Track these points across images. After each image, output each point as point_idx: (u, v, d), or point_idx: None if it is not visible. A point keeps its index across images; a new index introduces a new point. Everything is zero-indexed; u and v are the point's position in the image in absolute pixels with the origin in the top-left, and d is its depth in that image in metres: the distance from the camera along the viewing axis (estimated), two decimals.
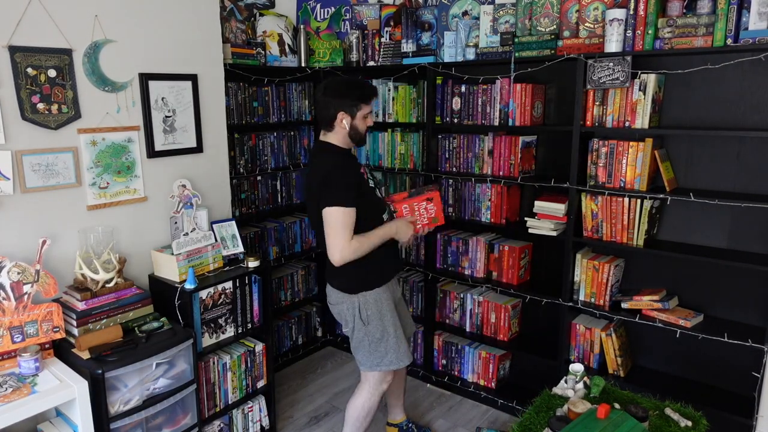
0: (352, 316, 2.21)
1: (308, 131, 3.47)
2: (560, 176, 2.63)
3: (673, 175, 2.43)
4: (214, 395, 2.42)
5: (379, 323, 2.21)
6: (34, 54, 1.99)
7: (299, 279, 3.51)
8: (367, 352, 2.24)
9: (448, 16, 2.96)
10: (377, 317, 2.20)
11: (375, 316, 2.20)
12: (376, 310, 2.20)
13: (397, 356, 2.24)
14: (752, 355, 2.28)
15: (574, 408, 1.74)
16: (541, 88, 2.72)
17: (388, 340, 2.23)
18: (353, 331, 2.25)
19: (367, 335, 2.22)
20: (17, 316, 1.89)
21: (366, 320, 2.20)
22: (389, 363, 2.24)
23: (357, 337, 2.25)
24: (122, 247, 2.34)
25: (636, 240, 2.42)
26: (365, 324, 2.20)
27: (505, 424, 2.85)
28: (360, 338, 2.24)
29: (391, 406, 2.68)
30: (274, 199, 3.33)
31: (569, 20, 2.52)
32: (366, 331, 2.21)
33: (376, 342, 2.22)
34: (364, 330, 2.22)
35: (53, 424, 1.98)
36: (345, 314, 2.24)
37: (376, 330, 2.21)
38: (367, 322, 2.20)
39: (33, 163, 2.02)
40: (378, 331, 2.21)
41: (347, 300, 2.20)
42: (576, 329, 2.67)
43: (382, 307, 2.21)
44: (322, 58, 3.37)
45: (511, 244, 2.88)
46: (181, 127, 2.50)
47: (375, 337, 2.22)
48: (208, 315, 2.36)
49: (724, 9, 2.09)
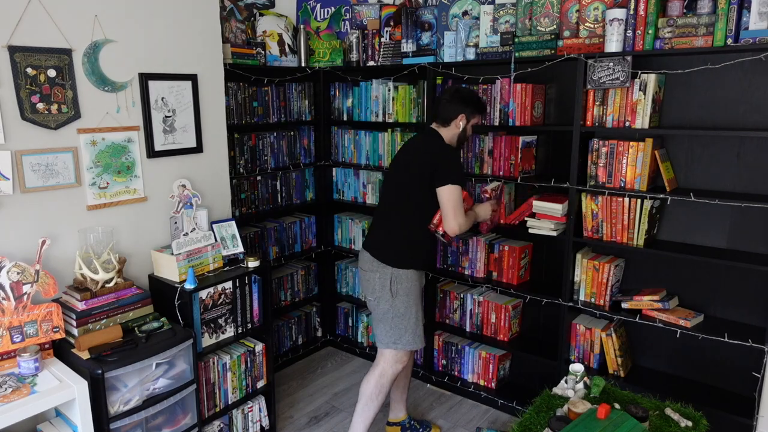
0: (381, 286, 2.34)
1: (308, 131, 3.47)
2: (560, 176, 2.63)
3: (673, 175, 2.43)
4: (214, 395, 2.42)
5: (405, 299, 2.34)
6: (34, 54, 1.98)
7: (299, 279, 3.51)
8: (389, 326, 2.37)
9: (448, 16, 2.96)
10: (405, 293, 2.34)
11: (404, 291, 2.34)
12: (407, 286, 2.34)
13: (413, 337, 2.38)
14: (752, 355, 2.28)
15: (574, 408, 1.74)
16: (541, 88, 2.72)
17: (410, 318, 2.36)
18: (378, 301, 2.36)
19: (392, 308, 2.34)
20: (17, 316, 1.89)
21: (395, 293, 2.33)
22: (406, 343, 2.37)
23: (382, 308, 2.36)
24: (122, 247, 2.33)
25: (636, 240, 2.42)
26: (393, 296, 2.33)
27: (505, 424, 2.85)
28: (385, 310, 2.36)
29: (394, 402, 2.71)
30: (274, 199, 3.33)
31: (569, 20, 2.52)
32: (392, 303, 2.34)
33: (399, 317, 2.35)
34: (391, 302, 2.34)
35: (53, 424, 1.98)
36: (374, 282, 2.36)
37: (401, 305, 2.34)
38: (396, 294, 2.33)
39: (33, 163, 2.02)
40: (403, 306, 2.34)
41: (381, 269, 2.34)
42: (576, 329, 2.67)
43: (411, 286, 2.36)
44: (322, 58, 3.37)
45: (511, 244, 2.88)
46: (181, 127, 2.50)
47: (399, 312, 2.34)
48: (208, 315, 2.35)
49: (724, 9, 2.09)
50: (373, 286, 2.37)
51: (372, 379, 2.41)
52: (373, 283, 2.36)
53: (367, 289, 2.42)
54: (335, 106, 3.48)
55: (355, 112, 3.38)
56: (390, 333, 2.37)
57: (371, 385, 2.41)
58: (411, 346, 2.39)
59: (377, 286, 2.35)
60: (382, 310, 2.37)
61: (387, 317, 2.36)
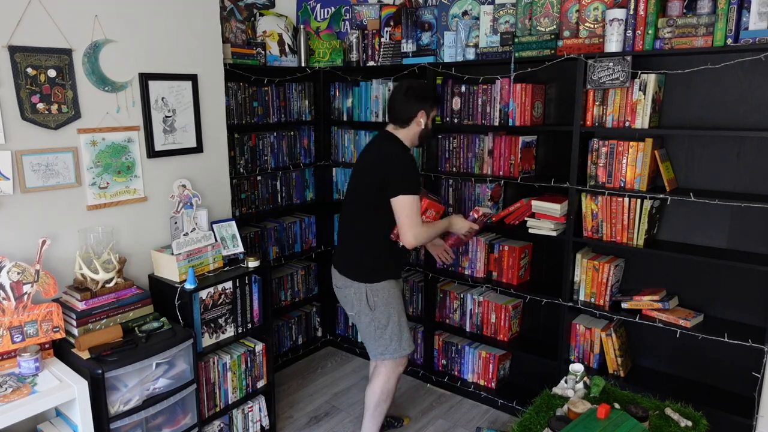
0: (358, 301, 2.30)
1: (308, 131, 3.47)
2: (560, 176, 2.63)
3: (673, 175, 2.43)
4: (214, 395, 2.42)
5: (384, 309, 2.29)
6: (34, 54, 1.98)
7: (299, 279, 3.51)
8: (373, 339, 2.34)
9: (448, 16, 2.96)
10: (384, 304, 2.29)
11: (382, 303, 2.29)
12: (384, 296, 2.29)
13: (400, 344, 2.34)
14: (752, 355, 2.28)
15: (574, 408, 1.74)
16: (541, 88, 2.72)
17: (393, 328, 2.32)
18: (359, 315, 2.33)
19: (373, 321, 2.30)
20: (17, 316, 1.89)
21: (373, 306, 2.28)
22: (393, 351, 2.33)
23: (363, 322, 2.33)
24: (122, 247, 2.33)
25: (636, 240, 2.42)
26: (372, 309, 2.29)
27: (505, 424, 2.85)
28: (366, 323, 2.33)
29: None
30: (274, 199, 3.33)
31: (569, 20, 2.52)
32: (372, 317, 2.30)
33: (381, 328, 2.31)
34: (371, 316, 2.30)
35: (53, 424, 1.98)
36: (351, 298, 2.32)
37: (382, 316, 2.30)
38: (374, 307, 2.28)
39: (33, 163, 2.02)
40: (384, 317, 2.30)
41: (354, 285, 2.29)
42: (576, 329, 2.67)
43: (389, 295, 2.30)
44: (322, 58, 3.37)
45: (511, 244, 2.88)
46: (181, 127, 2.50)
47: (381, 324, 2.30)
48: (208, 315, 2.35)
49: (724, 9, 2.09)
50: (351, 302, 2.33)
51: (377, 388, 2.40)
52: (350, 298, 2.33)
53: (346, 305, 2.39)
54: (335, 106, 3.48)
55: (355, 112, 3.38)
56: (377, 344, 2.34)
57: (377, 393, 2.40)
58: (399, 354, 2.34)
59: (354, 301, 2.31)
60: (364, 323, 2.33)
61: (370, 330, 2.33)
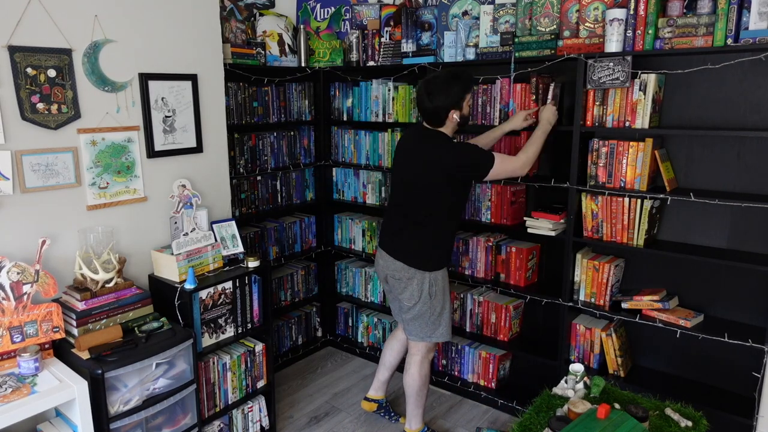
0: (420, 291, 2.40)
1: (308, 131, 3.47)
2: (560, 176, 2.63)
3: (673, 175, 2.43)
4: (214, 395, 2.42)
5: (441, 298, 2.44)
6: (34, 54, 1.98)
7: (299, 279, 3.51)
8: (425, 324, 2.45)
9: (448, 16, 2.95)
10: (442, 293, 2.44)
11: (440, 292, 2.43)
12: (443, 285, 2.45)
13: (446, 330, 2.50)
14: (752, 355, 2.28)
15: (574, 408, 1.74)
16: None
17: (445, 315, 2.47)
18: (417, 304, 2.41)
19: (430, 308, 2.42)
20: (17, 316, 1.89)
21: (433, 294, 2.41)
22: (440, 335, 2.48)
23: (419, 310, 2.42)
24: (122, 247, 2.33)
25: (636, 240, 2.42)
26: (431, 298, 2.41)
27: (505, 424, 2.85)
28: (422, 311, 2.42)
29: (380, 381, 2.84)
30: (274, 199, 3.33)
31: (569, 20, 2.51)
32: (431, 304, 2.42)
33: (436, 315, 2.44)
34: (429, 303, 2.41)
35: (53, 424, 1.98)
36: (412, 289, 2.40)
37: (438, 304, 2.43)
38: (434, 296, 2.41)
39: (33, 163, 2.02)
40: (440, 306, 2.44)
41: (418, 275, 2.38)
42: (576, 329, 2.67)
43: (445, 285, 2.47)
44: (322, 58, 3.37)
45: (518, 245, 2.86)
46: (181, 127, 2.50)
47: (436, 311, 2.44)
48: (208, 315, 2.35)
49: (724, 9, 2.09)
50: (411, 293, 2.41)
51: (414, 372, 2.51)
52: (411, 289, 2.40)
53: (402, 296, 2.44)
54: (335, 106, 3.48)
55: (355, 112, 3.38)
56: (426, 329, 2.46)
57: (416, 378, 2.52)
58: (444, 338, 2.50)
59: (415, 292, 2.40)
60: (419, 311, 2.42)
61: (424, 317, 2.43)
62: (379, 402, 2.87)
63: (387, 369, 2.81)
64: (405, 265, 2.39)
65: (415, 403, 2.59)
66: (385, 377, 2.84)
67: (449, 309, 2.50)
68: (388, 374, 2.83)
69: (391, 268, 2.45)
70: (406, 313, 2.46)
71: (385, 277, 2.51)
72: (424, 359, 2.52)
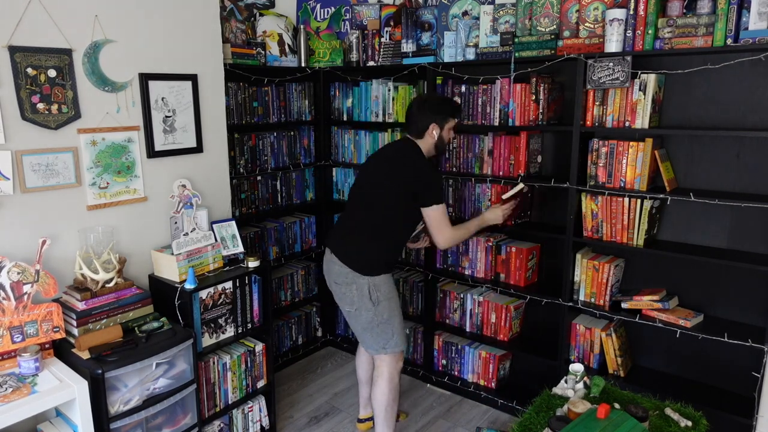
0: (360, 297, 2.32)
1: (308, 131, 3.47)
2: (560, 176, 2.63)
3: (673, 175, 2.43)
4: (214, 395, 2.42)
5: (387, 303, 2.35)
6: (34, 54, 1.98)
7: (299, 279, 3.51)
8: (375, 334, 2.37)
9: (448, 16, 2.96)
10: (386, 298, 2.35)
11: (384, 297, 2.34)
12: (386, 290, 2.35)
13: (400, 337, 2.40)
14: (752, 355, 2.28)
15: (574, 408, 1.74)
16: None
17: (394, 321, 2.38)
18: (359, 311, 2.35)
19: (376, 316, 2.34)
20: (17, 316, 1.89)
21: (376, 301, 2.33)
22: (395, 345, 2.39)
23: (364, 318, 2.35)
24: (122, 247, 2.33)
25: (636, 240, 2.42)
26: (375, 305, 2.33)
27: (505, 424, 2.85)
28: (368, 319, 2.35)
29: (365, 399, 2.77)
30: (274, 199, 3.33)
31: (569, 20, 2.52)
32: (375, 311, 2.33)
33: (384, 323, 2.35)
34: (374, 311, 2.33)
35: (53, 424, 1.98)
36: (352, 294, 2.34)
37: (384, 310, 2.34)
38: (377, 302, 2.33)
39: (33, 163, 2.02)
40: (386, 312, 2.35)
41: (357, 281, 2.31)
42: (576, 329, 2.67)
43: (389, 289, 2.37)
44: (322, 58, 3.38)
45: (518, 245, 2.86)
46: (181, 127, 2.50)
47: (383, 318, 2.35)
48: (208, 315, 2.36)
49: (724, 9, 2.09)
50: (351, 298, 2.34)
51: (384, 387, 2.41)
52: (351, 295, 2.34)
53: (343, 302, 2.39)
54: (335, 106, 3.48)
55: (355, 112, 3.38)
56: (378, 339, 2.37)
57: (385, 393, 2.41)
58: (400, 347, 2.41)
59: (355, 298, 2.33)
60: (366, 319, 2.35)
61: (372, 326, 2.35)
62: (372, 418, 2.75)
63: (367, 384, 2.73)
64: (348, 269, 2.32)
65: (384, 421, 2.46)
66: (369, 393, 2.73)
67: (399, 317, 2.40)
68: (369, 389, 2.72)
69: (333, 272, 2.38)
70: (354, 323, 2.40)
71: (329, 282, 2.44)
72: (393, 370, 2.42)
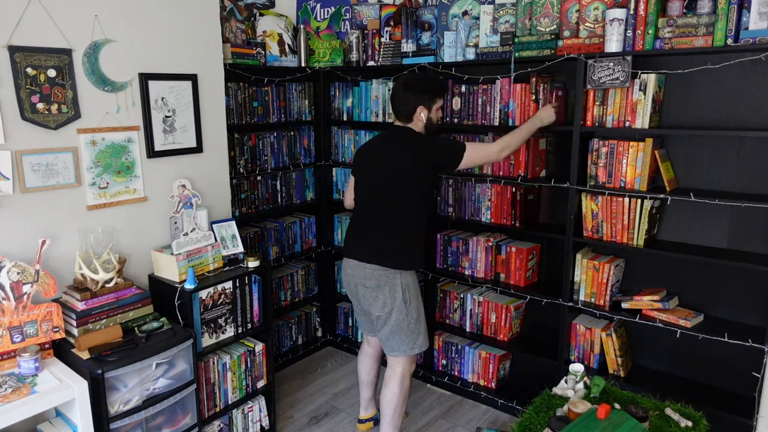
0: (393, 299, 2.31)
1: (308, 131, 3.47)
2: (560, 176, 2.63)
3: (673, 175, 2.43)
4: (214, 395, 2.42)
5: (416, 303, 2.36)
6: (34, 54, 1.98)
7: (299, 279, 3.51)
8: (405, 335, 2.35)
9: (448, 16, 2.95)
10: (416, 297, 2.36)
11: (414, 296, 2.35)
12: (415, 290, 2.36)
13: (425, 337, 2.41)
14: (752, 355, 2.27)
15: (574, 408, 1.74)
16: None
17: (421, 320, 2.39)
18: (391, 314, 2.33)
19: (407, 316, 2.33)
20: (17, 316, 1.89)
21: (408, 300, 2.32)
22: (421, 345, 2.39)
23: (396, 319, 2.33)
24: (122, 247, 2.33)
25: (636, 240, 2.42)
26: (407, 305, 2.32)
27: (505, 424, 2.85)
28: (399, 320, 2.33)
29: (366, 400, 2.76)
30: (274, 199, 3.33)
31: (569, 20, 2.51)
32: (407, 312, 2.33)
33: (414, 323, 2.35)
34: (405, 311, 2.32)
35: (53, 424, 1.98)
36: (384, 297, 2.32)
37: (414, 310, 2.35)
38: (409, 302, 2.33)
39: (33, 163, 2.02)
40: (416, 312, 2.36)
41: (391, 282, 2.30)
42: (576, 329, 2.67)
43: (417, 289, 2.38)
44: (322, 58, 3.37)
45: (519, 245, 2.86)
46: (181, 127, 2.50)
47: (413, 318, 2.34)
48: (208, 315, 2.35)
49: (724, 9, 2.09)
50: (383, 301, 2.32)
51: (395, 388, 2.40)
52: (383, 297, 2.32)
53: (374, 306, 2.35)
54: (335, 106, 3.48)
55: (355, 112, 3.38)
56: (406, 340, 2.36)
57: (397, 394, 2.40)
58: (425, 347, 2.42)
59: (387, 300, 2.32)
60: (396, 321, 2.33)
61: (402, 327, 2.34)
62: (374, 418, 2.78)
63: (368, 386, 2.73)
64: (382, 270, 2.29)
65: (391, 421, 2.44)
66: (370, 394, 2.75)
67: (424, 317, 2.41)
68: (371, 390, 2.74)
69: (360, 276, 2.35)
70: (383, 327, 2.36)
71: (356, 286, 2.40)
72: (407, 373, 2.41)
